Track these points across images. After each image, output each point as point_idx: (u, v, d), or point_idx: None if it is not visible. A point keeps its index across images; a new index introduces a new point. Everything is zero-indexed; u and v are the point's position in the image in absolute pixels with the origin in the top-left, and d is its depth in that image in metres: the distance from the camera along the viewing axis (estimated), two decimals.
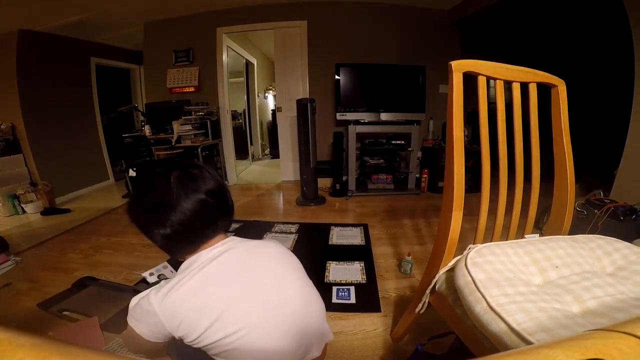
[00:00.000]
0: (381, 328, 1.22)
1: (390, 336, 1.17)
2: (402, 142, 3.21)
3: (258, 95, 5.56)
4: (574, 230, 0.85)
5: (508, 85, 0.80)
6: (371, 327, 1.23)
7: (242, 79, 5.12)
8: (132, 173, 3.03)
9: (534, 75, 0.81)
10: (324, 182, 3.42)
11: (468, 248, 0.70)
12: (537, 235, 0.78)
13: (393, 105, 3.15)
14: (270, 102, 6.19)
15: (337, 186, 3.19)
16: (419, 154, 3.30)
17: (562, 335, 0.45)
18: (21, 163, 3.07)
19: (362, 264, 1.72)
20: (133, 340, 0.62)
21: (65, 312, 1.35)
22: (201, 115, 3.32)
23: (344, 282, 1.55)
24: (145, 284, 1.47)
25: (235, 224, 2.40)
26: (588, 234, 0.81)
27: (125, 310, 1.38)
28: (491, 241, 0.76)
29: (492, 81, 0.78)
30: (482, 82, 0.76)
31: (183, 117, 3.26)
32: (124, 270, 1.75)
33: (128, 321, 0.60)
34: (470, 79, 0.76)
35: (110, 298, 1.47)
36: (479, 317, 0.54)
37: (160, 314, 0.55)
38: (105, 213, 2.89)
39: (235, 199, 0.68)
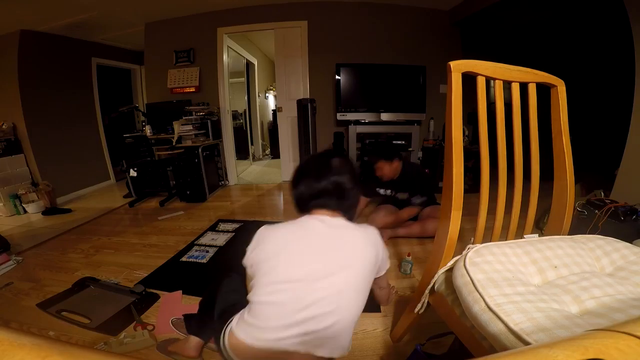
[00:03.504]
0: (381, 328, 1.23)
1: (389, 336, 1.17)
2: (403, 142, 3.21)
3: (259, 96, 5.57)
4: (574, 231, 0.85)
5: (508, 85, 0.80)
6: (371, 327, 1.24)
7: (243, 79, 5.13)
8: (133, 173, 3.04)
9: (534, 76, 0.81)
10: None
11: (467, 248, 0.70)
12: (537, 235, 0.78)
13: (393, 105, 3.15)
14: (271, 102, 6.20)
15: None
16: (420, 154, 3.29)
17: (560, 335, 0.45)
18: (22, 163, 3.08)
19: None
20: None
21: (63, 313, 1.36)
22: (202, 115, 3.33)
23: None
24: (142, 285, 1.49)
25: (235, 224, 2.41)
26: (589, 234, 0.81)
27: (123, 312, 1.38)
28: (490, 241, 0.76)
29: (491, 81, 0.78)
30: (481, 82, 0.76)
31: (184, 117, 3.26)
32: (125, 270, 1.75)
33: None
34: (470, 80, 0.76)
35: (109, 299, 1.47)
36: (477, 317, 0.55)
37: (259, 232, 0.79)
38: (106, 213, 2.90)
39: (235, 199, 0.70)
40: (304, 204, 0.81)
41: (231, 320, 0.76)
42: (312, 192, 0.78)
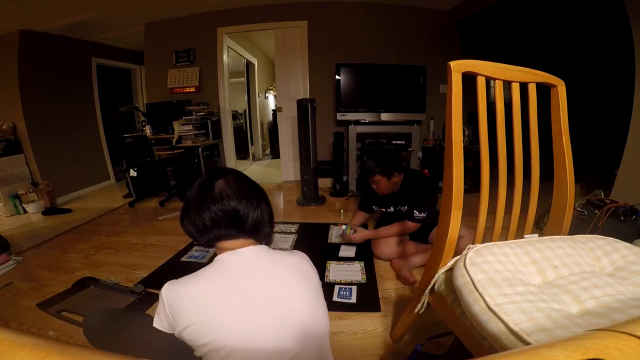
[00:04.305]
0: (381, 328, 1.23)
1: (389, 336, 1.17)
2: (403, 142, 3.20)
3: (259, 96, 5.57)
4: (574, 231, 0.85)
5: (507, 85, 0.80)
6: (371, 327, 1.24)
7: (243, 79, 5.13)
8: (132, 173, 3.04)
9: (534, 76, 0.81)
10: (325, 182, 3.42)
11: (467, 248, 0.70)
12: (537, 235, 0.78)
13: (393, 105, 3.15)
14: (271, 102, 6.20)
15: (338, 186, 3.19)
16: (420, 154, 3.29)
17: (560, 335, 0.45)
18: (22, 163, 3.08)
19: (362, 264, 1.72)
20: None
21: (63, 313, 1.36)
22: (202, 115, 3.33)
23: (344, 282, 1.56)
24: (142, 285, 1.48)
25: None
26: (589, 234, 0.81)
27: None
28: (490, 241, 0.76)
29: (491, 81, 0.78)
30: (481, 82, 0.75)
31: (184, 117, 3.26)
32: (125, 270, 1.75)
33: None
34: (470, 80, 0.76)
35: (109, 299, 1.47)
36: (477, 317, 0.55)
37: (165, 297, 0.60)
38: (106, 213, 2.90)
39: None
40: (205, 239, 0.67)
41: None
42: (201, 224, 0.64)
